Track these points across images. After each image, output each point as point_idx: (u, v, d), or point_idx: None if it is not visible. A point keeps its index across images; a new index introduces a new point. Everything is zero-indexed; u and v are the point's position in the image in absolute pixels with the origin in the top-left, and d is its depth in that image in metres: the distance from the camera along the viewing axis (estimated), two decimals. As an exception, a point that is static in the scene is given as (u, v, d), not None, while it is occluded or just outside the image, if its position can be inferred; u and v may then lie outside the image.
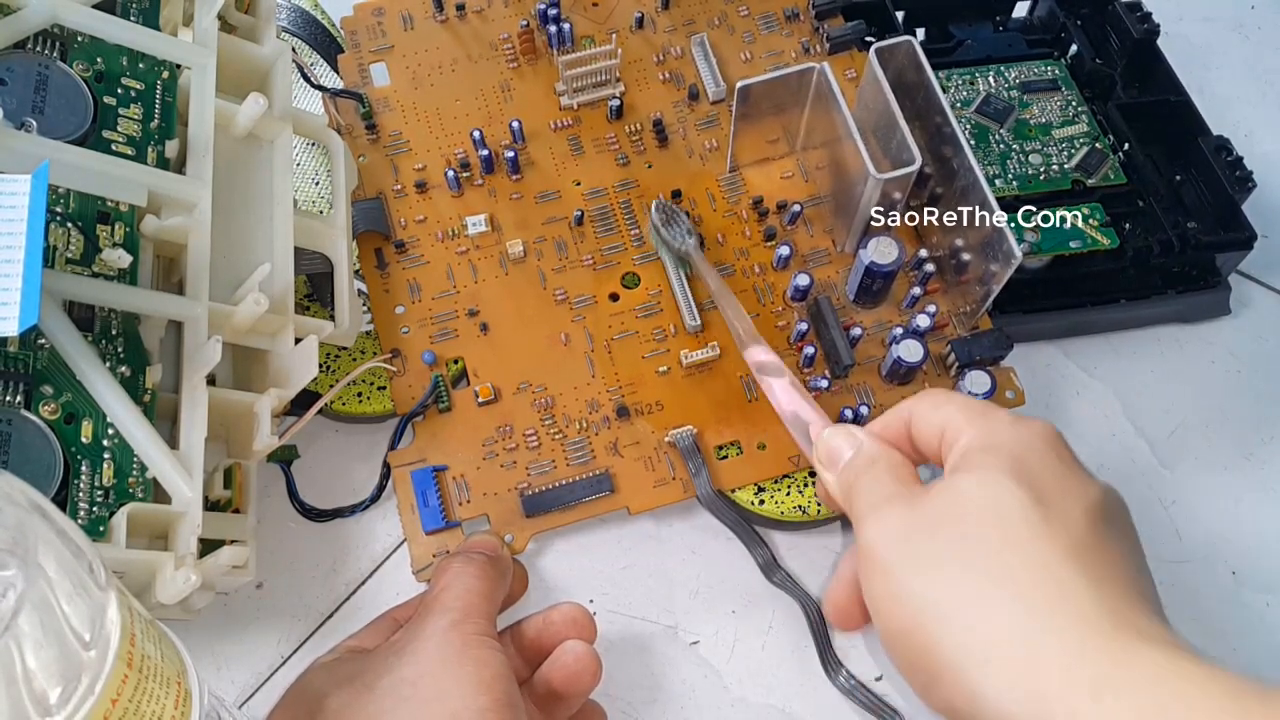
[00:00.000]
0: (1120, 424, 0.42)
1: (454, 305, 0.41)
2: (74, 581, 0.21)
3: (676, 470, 0.38)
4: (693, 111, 0.44)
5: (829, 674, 0.36)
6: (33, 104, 0.32)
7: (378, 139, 0.44)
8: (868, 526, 0.26)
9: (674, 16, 0.46)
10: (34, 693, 0.19)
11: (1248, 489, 0.40)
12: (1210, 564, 0.39)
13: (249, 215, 0.36)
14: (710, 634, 0.37)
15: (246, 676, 0.36)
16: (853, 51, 0.45)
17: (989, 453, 0.26)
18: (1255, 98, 0.50)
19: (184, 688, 0.23)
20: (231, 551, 0.31)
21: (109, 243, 0.32)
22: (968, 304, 0.40)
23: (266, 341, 0.35)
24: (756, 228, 0.42)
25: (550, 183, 0.43)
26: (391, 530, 0.39)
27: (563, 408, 0.39)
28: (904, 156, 0.37)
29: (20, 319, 0.26)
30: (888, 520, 0.26)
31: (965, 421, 0.27)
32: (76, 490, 0.29)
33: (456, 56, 0.45)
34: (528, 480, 0.38)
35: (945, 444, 0.27)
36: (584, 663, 0.33)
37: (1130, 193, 0.43)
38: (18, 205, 0.27)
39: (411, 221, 0.42)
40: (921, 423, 0.28)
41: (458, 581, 0.32)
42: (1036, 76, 0.46)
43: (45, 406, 0.30)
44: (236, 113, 0.35)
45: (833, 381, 0.39)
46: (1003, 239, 0.35)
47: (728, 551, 0.38)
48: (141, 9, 0.36)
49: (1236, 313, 0.44)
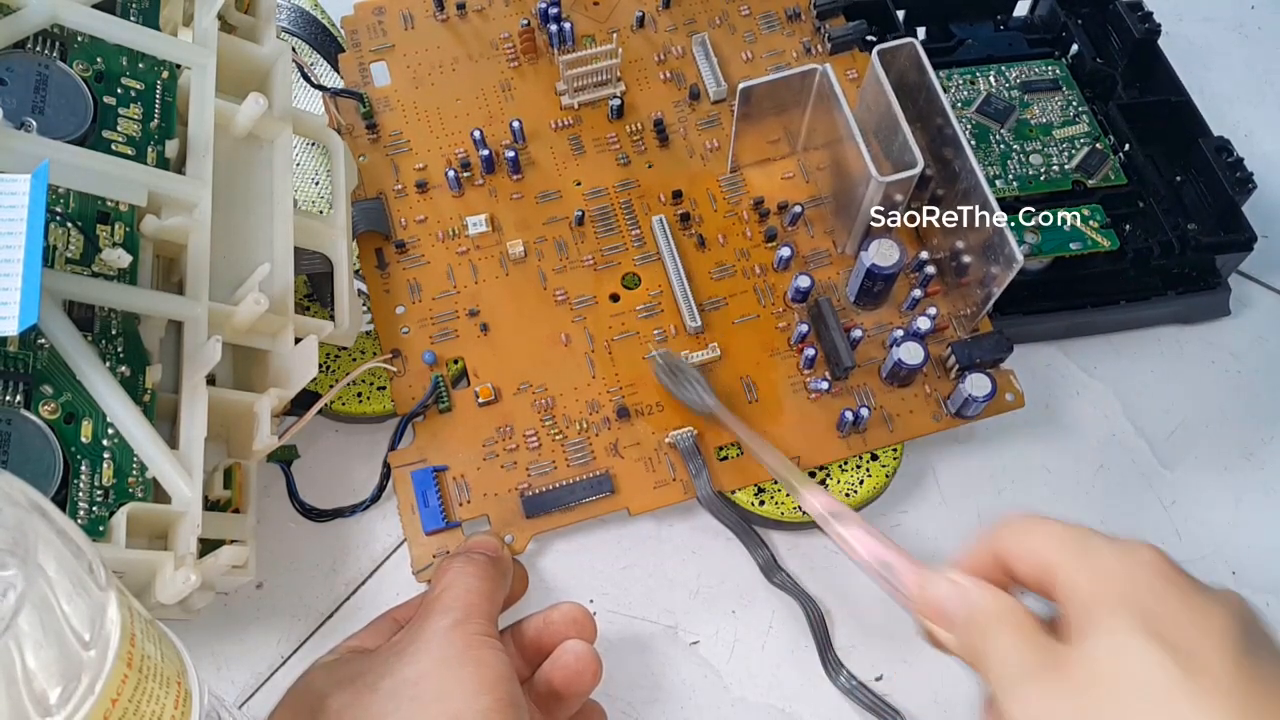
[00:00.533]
0: (1120, 424, 0.42)
1: (454, 305, 0.41)
2: (74, 581, 0.21)
3: (677, 471, 0.38)
4: (694, 111, 0.44)
5: (830, 674, 0.36)
6: (33, 104, 0.32)
7: (378, 139, 0.44)
8: (1011, 706, 0.25)
9: (675, 16, 0.46)
10: (34, 693, 0.19)
11: (1248, 489, 0.40)
12: (1210, 564, 0.39)
13: (249, 215, 0.36)
14: (710, 634, 0.37)
15: (246, 676, 0.36)
16: (854, 51, 0.45)
17: (1108, 607, 0.24)
18: (1255, 98, 0.50)
19: (184, 688, 0.23)
20: (231, 551, 0.31)
21: (109, 243, 0.32)
22: (968, 306, 0.40)
23: (266, 341, 0.35)
24: (757, 228, 0.42)
25: (551, 183, 0.43)
26: (391, 530, 0.39)
27: (563, 408, 0.39)
28: (906, 158, 0.37)
29: (20, 319, 0.26)
30: (1033, 701, 0.25)
31: (1067, 558, 0.25)
32: (76, 490, 0.29)
33: (457, 56, 0.45)
34: (528, 481, 0.38)
35: (1059, 589, 0.26)
36: (585, 662, 0.33)
37: (1131, 194, 0.43)
38: (18, 205, 0.27)
39: (412, 221, 0.42)
40: (1020, 563, 0.27)
41: (459, 581, 0.32)
42: (1037, 76, 0.46)
43: (45, 406, 0.30)
44: (236, 113, 0.35)
45: (833, 383, 0.39)
46: (1004, 242, 0.35)
47: (728, 552, 0.38)
48: (141, 9, 0.36)
49: (1237, 313, 0.44)
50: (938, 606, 0.27)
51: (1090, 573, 0.25)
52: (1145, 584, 0.24)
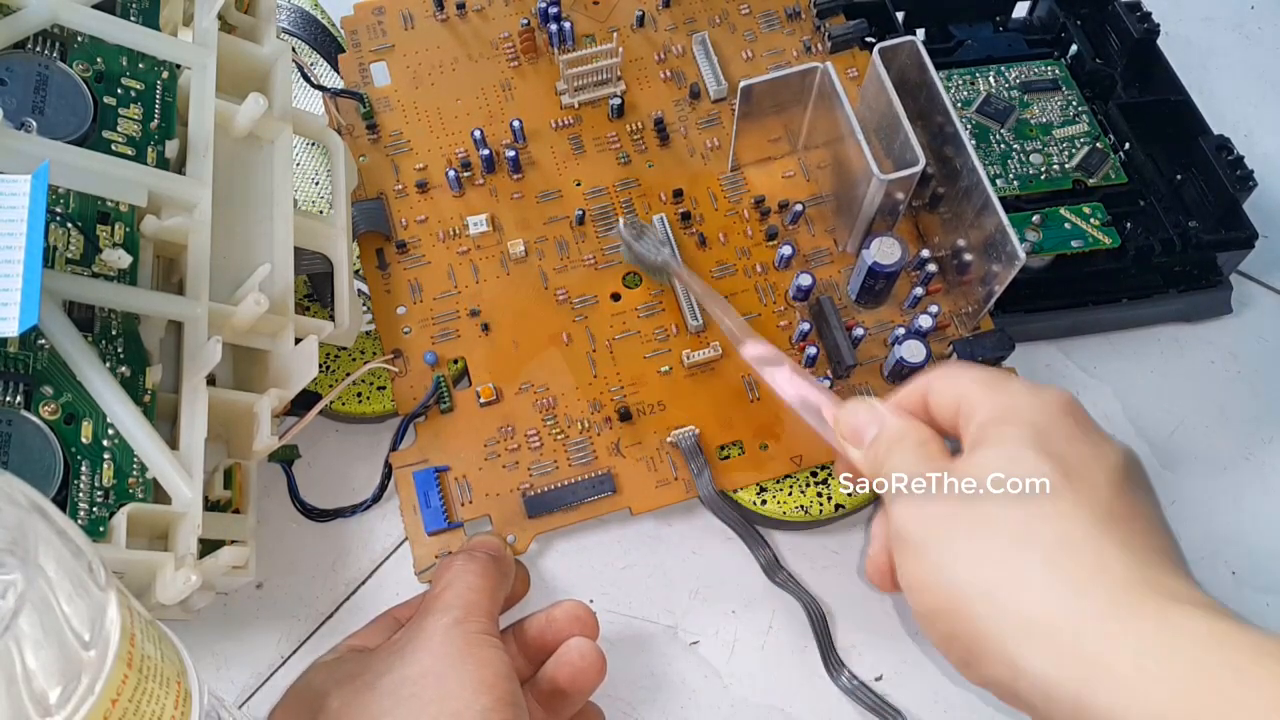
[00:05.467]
0: (1120, 424, 0.41)
1: (455, 305, 0.41)
2: (74, 581, 0.21)
3: (678, 470, 0.38)
4: (694, 110, 0.44)
5: (831, 674, 0.36)
6: (33, 104, 0.32)
7: (378, 139, 0.44)
8: (898, 507, 0.27)
9: (675, 15, 0.46)
10: (34, 693, 0.19)
11: (1248, 489, 0.40)
12: (1210, 564, 0.39)
13: (249, 215, 0.36)
14: (710, 634, 0.37)
15: (246, 676, 0.36)
16: (854, 50, 0.45)
17: (1008, 424, 0.26)
18: (1255, 98, 0.50)
19: (184, 688, 0.23)
20: (231, 551, 0.31)
21: (109, 243, 0.32)
22: (970, 304, 0.40)
23: (266, 342, 0.35)
24: (758, 227, 0.42)
25: (551, 182, 0.43)
26: (391, 530, 0.39)
27: (564, 408, 0.39)
28: (907, 157, 0.37)
29: (20, 319, 0.26)
30: (917, 500, 0.26)
31: (981, 393, 0.27)
32: (76, 490, 0.29)
33: (457, 55, 0.45)
34: (530, 481, 0.38)
35: (963, 416, 0.27)
36: (589, 659, 0.33)
37: (1131, 192, 0.43)
38: (18, 205, 0.27)
39: (413, 221, 0.42)
40: (938, 395, 0.28)
41: (460, 580, 0.32)
42: (1037, 76, 0.46)
43: (45, 407, 0.30)
44: (236, 113, 0.35)
45: (835, 382, 0.39)
46: (1006, 240, 0.35)
47: (728, 551, 0.38)
48: (141, 9, 0.36)
49: (1237, 313, 0.44)
50: (853, 426, 0.29)
51: (996, 400, 0.27)
52: (1047, 414, 0.26)
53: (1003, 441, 0.25)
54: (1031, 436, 0.25)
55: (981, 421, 0.26)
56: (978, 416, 0.27)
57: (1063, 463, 0.25)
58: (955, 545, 0.25)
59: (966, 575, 0.24)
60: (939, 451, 0.27)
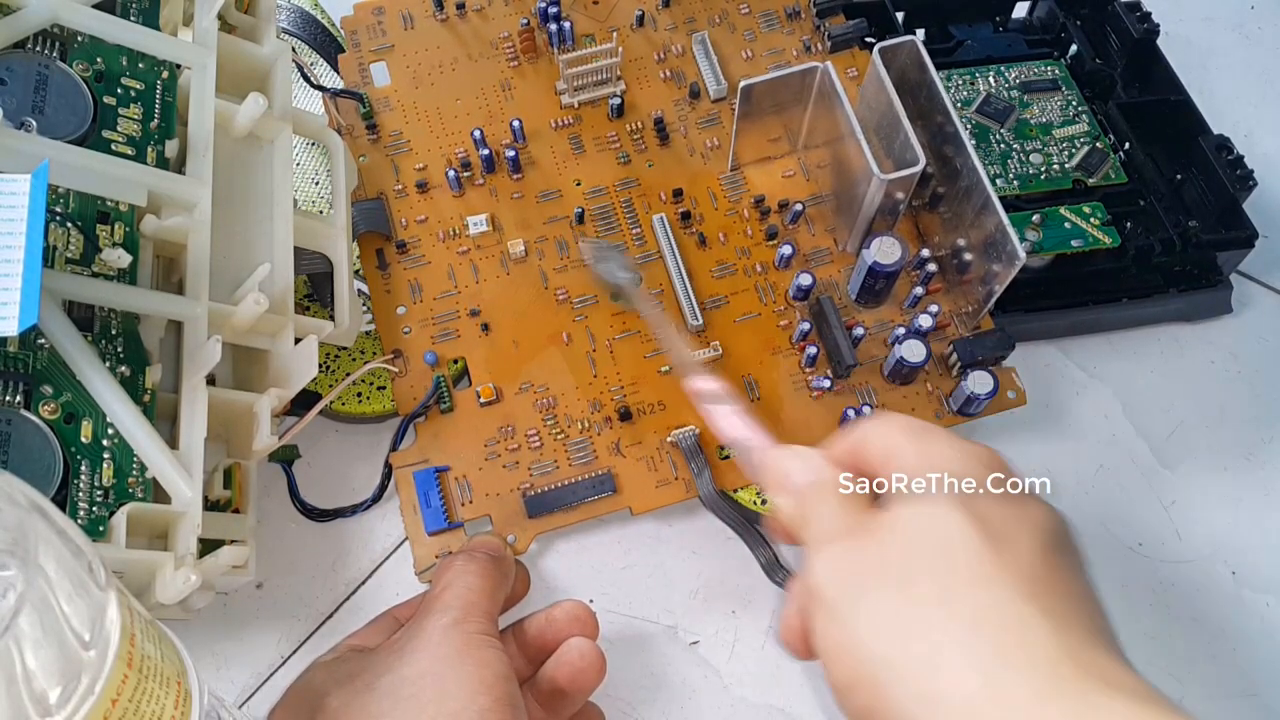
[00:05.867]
0: (1120, 424, 0.41)
1: (455, 305, 0.41)
2: (74, 581, 0.21)
3: (679, 470, 0.38)
4: (694, 110, 0.44)
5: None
6: (33, 104, 0.32)
7: (378, 139, 0.43)
8: (815, 562, 0.25)
9: (675, 14, 0.46)
10: (34, 693, 0.19)
11: (1248, 489, 0.40)
12: (1210, 564, 0.39)
13: (249, 215, 0.36)
14: (710, 634, 0.37)
15: (246, 676, 0.36)
16: (854, 50, 0.45)
17: (932, 482, 0.25)
18: (1255, 98, 0.50)
19: (184, 688, 0.23)
20: (231, 551, 0.31)
21: (109, 243, 0.32)
22: (970, 304, 0.40)
23: (266, 341, 0.35)
24: (758, 227, 0.42)
25: (551, 182, 0.43)
26: (391, 530, 0.39)
27: (565, 408, 0.39)
28: (908, 156, 0.37)
29: (20, 319, 0.26)
30: (834, 557, 0.25)
31: (907, 443, 0.26)
32: (76, 490, 0.29)
33: (457, 55, 0.45)
34: (530, 481, 0.38)
35: (890, 467, 0.26)
36: (589, 659, 0.33)
37: (1131, 192, 0.43)
38: (18, 205, 0.27)
39: (412, 221, 0.42)
40: (869, 446, 0.27)
41: (459, 580, 0.32)
42: (1037, 76, 0.46)
43: (45, 406, 0.30)
44: (236, 113, 0.35)
45: (835, 381, 0.39)
46: (1006, 239, 0.35)
47: (728, 551, 0.38)
48: (141, 9, 0.36)
49: (1237, 313, 0.44)
50: (782, 472, 0.28)
51: (923, 453, 0.26)
52: (973, 472, 0.25)
53: (925, 499, 0.24)
54: (958, 500, 0.24)
55: (904, 474, 0.25)
56: (902, 468, 0.25)
57: (986, 524, 0.24)
58: (872, 607, 0.24)
59: (883, 648, 0.23)
60: (864, 504, 0.26)
